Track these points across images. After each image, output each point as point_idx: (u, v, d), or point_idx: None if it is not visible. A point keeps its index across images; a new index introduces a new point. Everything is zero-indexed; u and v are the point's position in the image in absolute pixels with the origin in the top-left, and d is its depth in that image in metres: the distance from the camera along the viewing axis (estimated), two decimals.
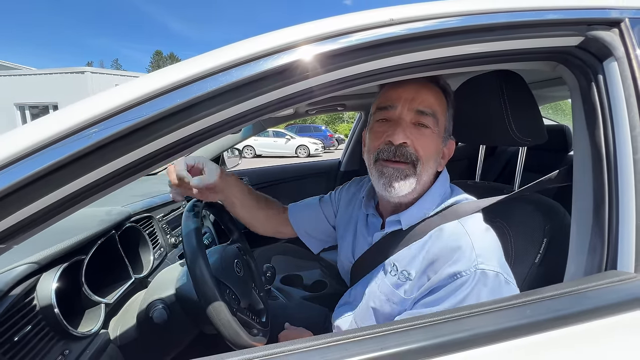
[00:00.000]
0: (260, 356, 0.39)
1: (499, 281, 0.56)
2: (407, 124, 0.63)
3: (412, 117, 0.64)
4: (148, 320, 0.82)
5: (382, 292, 0.67)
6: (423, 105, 0.63)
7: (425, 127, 0.64)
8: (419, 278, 0.62)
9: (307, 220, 0.93)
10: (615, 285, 0.44)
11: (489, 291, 0.55)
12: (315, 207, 0.94)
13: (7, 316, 0.59)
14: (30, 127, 0.41)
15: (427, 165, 0.65)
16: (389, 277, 0.67)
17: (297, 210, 0.94)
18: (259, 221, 0.92)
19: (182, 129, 0.44)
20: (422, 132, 0.63)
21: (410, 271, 0.63)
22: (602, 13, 0.53)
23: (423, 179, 0.65)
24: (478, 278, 0.55)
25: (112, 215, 0.98)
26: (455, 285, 0.56)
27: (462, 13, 0.49)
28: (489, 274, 0.55)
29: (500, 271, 0.56)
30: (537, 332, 0.40)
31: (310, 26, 0.47)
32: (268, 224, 0.93)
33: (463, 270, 0.56)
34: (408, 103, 0.64)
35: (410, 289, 0.63)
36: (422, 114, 0.63)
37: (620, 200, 0.48)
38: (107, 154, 0.42)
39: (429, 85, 0.66)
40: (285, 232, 0.94)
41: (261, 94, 0.45)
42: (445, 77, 0.73)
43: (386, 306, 0.65)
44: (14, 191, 0.39)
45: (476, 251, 0.57)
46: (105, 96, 0.42)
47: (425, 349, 0.38)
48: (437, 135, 0.66)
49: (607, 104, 0.52)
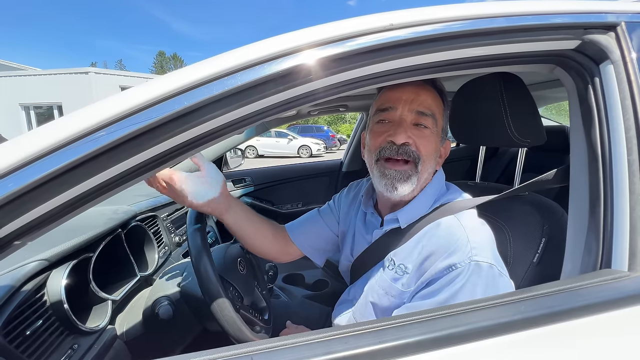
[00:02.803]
0: (263, 349, 0.40)
1: (492, 273, 0.57)
2: (408, 124, 0.65)
3: (412, 118, 0.66)
4: (154, 317, 0.84)
5: (380, 286, 0.68)
6: (423, 107, 0.66)
7: (425, 127, 0.66)
8: (416, 271, 0.64)
9: (310, 235, 0.90)
10: (608, 283, 0.45)
11: (484, 282, 0.57)
12: (315, 220, 0.92)
13: (19, 311, 0.61)
14: (44, 130, 0.43)
15: (428, 164, 0.67)
16: (387, 271, 0.68)
17: (297, 227, 0.91)
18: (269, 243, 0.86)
19: (189, 131, 0.46)
20: (422, 132, 0.66)
21: (407, 265, 0.65)
22: (598, 17, 0.55)
23: (422, 178, 0.67)
24: (472, 269, 0.57)
25: (118, 214, 1.00)
26: (450, 276, 0.58)
27: (463, 18, 0.51)
28: (483, 266, 0.57)
29: (494, 263, 0.58)
30: (531, 327, 0.42)
31: (313, 31, 0.49)
32: (277, 245, 0.88)
33: (458, 262, 0.58)
34: (408, 104, 0.65)
35: (408, 282, 0.64)
36: (422, 114, 0.65)
37: (614, 200, 0.50)
38: (116, 155, 0.44)
39: (426, 87, 0.67)
40: (292, 252, 0.90)
41: (266, 97, 0.47)
42: (445, 79, 0.74)
43: (384, 300, 0.67)
44: (30, 190, 0.41)
45: (471, 244, 0.58)
46: (114, 100, 0.44)
47: (422, 343, 0.40)
48: (436, 135, 0.68)
49: (603, 105, 0.53)
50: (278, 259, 0.90)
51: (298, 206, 2.32)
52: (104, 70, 15.30)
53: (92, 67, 15.02)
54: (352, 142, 2.35)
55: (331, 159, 2.61)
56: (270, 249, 0.87)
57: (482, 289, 0.57)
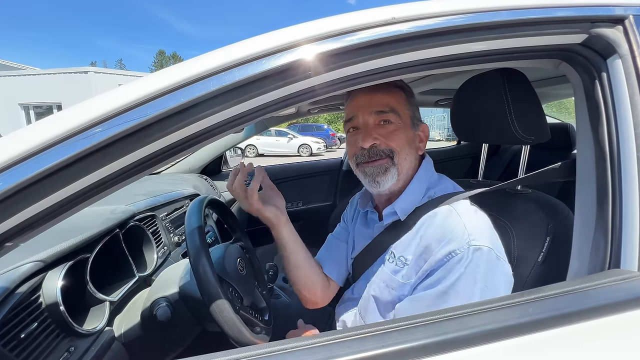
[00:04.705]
0: (262, 354, 0.39)
1: (491, 257, 0.59)
2: (372, 126, 0.70)
3: (374, 119, 0.70)
4: (152, 318, 0.83)
5: (381, 279, 0.70)
6: (380, 106, 0.70)
7: (389, 122, 0.70)
8: (415, 262, 0.65)
9: (342, 261, 0.88)
10: (618, 284, 0.44)
11: (484, 265, 0.58)
12: (336, 244, 0.90)
13: (13, 313, 0.59)
14: (36, 127, 0.41)
15: (403, 153, 0.70)
16: (387, 264, 0.70)
17: (323, 260, 0.89)
18: (316, 271, 0.84)
19: (186, 128, 0.45)
20: (387, 128, 0.70)
21: (407, 256, 0.67)
22: (606, 10, 0.53)
23: (404, 167, 0.71)
24: (472, 254, 0.58)
25: (116, 214, 0.99)
26: (451, 263, 0.59)
27: (465, 11, 0.49)
28: (483, 249, 0.58)
29: (492, 247, 0.59)
30: (539, 330, 0.40)
31: (312, 25, 0.47)
32: (321, 276, 0.86)
33: (457, 249, 0.59)
34: (367, 108, 0.70)
35: (408, 274, 0.66)
36: (382, 113, 0.70)
37: (623, 199, 0.48)
38: (112, 152, 0.43)
39: (381, 87, 0.69)
40: (332, 285, 0.88)
41: (264, 93, 0.45)
42: (447, 76, 0.73)
43: (385, 292, 0.68)
44: (21, 189, 0.39)
45: (468, 230, 0.60)
46: (109, 96, 0.43)
47: (426, 346, 0.39)
48: (404, 126, 0.71)
49: (610, 101, 0.52)
50: (319, 296, 0.85)
51: (298, 205, 2.31)
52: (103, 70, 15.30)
53: (91, 67, 15.02)
54: None
55: (331, 157, 2.60)
56: (316, 279, 0.84)
57: (483, 272, 0.58)
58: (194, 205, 0.84)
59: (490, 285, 0.58)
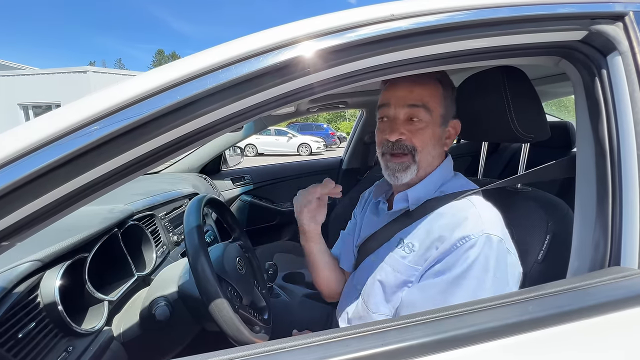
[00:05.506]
0: (262, 352, 0.39)
1: (502, 247, 0.60)
2: (401, 121, 0.70)
3: (405, 113, 0.70)
4: (151, 318, 0.82)
5: (388, 264, 0.71)
6: (413, 99, 0.69)
7: (418, 120, 0.69)
8: (425, 250, 0.65)
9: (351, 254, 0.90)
10: (618, 282, 0.44)
11: (495, 255, 0.59)
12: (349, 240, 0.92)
13: (11, 313, 0.59)
14: (32, 125, 0.41)
15: (425, 152, 0.71)
16: (395, 250, 0.71)
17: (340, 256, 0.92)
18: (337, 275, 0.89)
19: (183, 126, 0.44)
20: (415, 125, 0.69)
21: (414, 243, 0.68)
22: (606, 7, 0.53)
23: (424, 164, 0.72)
24: (485, 241, 0.59)
25: (114, 213, 0.99)
26: (464, 248, 0.59)
27: (465, 8, 0.49)
28: (494, 239, 0.59)
29: (504, 239, 0.61)
30: (539, 328, 0.40)
31: (311, 22, 0.47)
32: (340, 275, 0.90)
33: (471, 233, 0.59)
34: (400, 100, 0.70)
35: (416, 260, 0.67)
36: (413, 106, 0.69)
37: (623, 196, 0.48)
38: (108, 150, 0.42)
39: (419, 78, 0.69)
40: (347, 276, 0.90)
41: (262, 91, 0.45)
42: (448, 74, 0.73)
43: (391, 277, 0.69)
44: (17, 188, 0.39)
45: (482, 219, 0.61)
46: (106, 93, 0.42)
47: (426, 345, 0.38)
48: (432, 124, 0.70)
49: (610, 99, 0.52)
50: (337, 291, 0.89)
51: None
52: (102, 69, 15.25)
53: (90, 66, 14.97)
54: (351, 140, 2.33)
55: (331, 156, 2.60)
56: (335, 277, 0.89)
57: (494, 261, 0.58)
58: (193, 205, 0.84)
59: (499, 276, 0.58)
